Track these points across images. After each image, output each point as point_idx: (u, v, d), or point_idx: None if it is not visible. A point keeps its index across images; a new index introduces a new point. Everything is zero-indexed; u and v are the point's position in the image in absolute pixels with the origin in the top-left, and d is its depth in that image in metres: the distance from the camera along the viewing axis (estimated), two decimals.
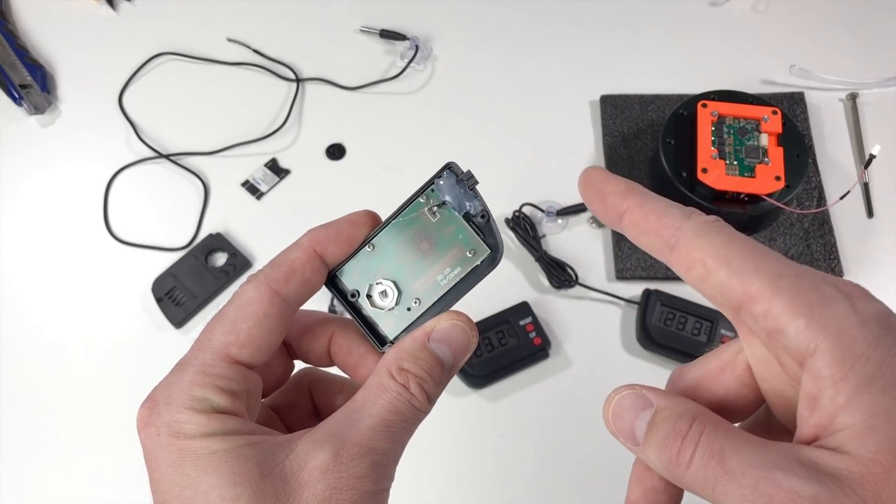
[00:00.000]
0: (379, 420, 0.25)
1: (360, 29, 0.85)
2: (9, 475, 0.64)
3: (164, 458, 0.24)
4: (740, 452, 0.21)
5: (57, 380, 0.68)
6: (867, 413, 0.19)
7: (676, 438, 0.22)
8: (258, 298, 0.26)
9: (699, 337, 0.65)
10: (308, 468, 0.24)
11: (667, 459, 0.22)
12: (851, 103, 0.79)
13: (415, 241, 0.28)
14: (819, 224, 0.72)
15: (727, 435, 0.21)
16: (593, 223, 0.74)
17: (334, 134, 0.79)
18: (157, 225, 0.75)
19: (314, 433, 0.25)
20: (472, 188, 0.28)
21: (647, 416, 0.23)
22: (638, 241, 0.25)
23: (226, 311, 0.26)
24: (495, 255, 0.27)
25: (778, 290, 0.21)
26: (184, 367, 0.25)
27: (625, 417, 0.24)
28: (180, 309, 0.69)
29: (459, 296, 0.28)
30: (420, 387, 0.26)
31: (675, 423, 0.22)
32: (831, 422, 0.20)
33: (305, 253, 0.27)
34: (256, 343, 0.26)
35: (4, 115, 0.81)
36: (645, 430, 0.23)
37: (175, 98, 0.82)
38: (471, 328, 0.27)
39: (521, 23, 0.86)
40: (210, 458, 0.23)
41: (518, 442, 0.65)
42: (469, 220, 0.28)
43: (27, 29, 0.86)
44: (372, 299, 0.28)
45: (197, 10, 0.87)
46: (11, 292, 0.72)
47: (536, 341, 0.65)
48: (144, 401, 0.25)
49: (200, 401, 0.24)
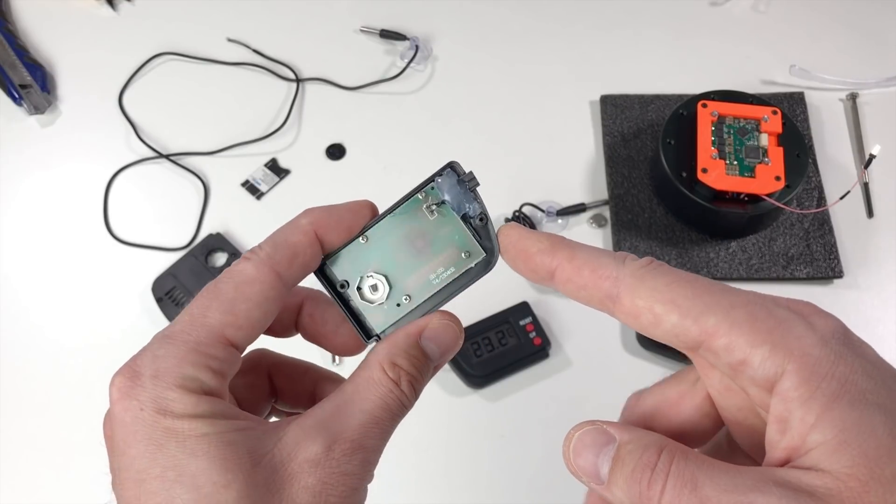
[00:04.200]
0: (370, 416, 0.25)
1: (360, 29, 0.85)
2: (9, 475, 0.64)
3: (143, 434, 0.22)
4: (714, 479, 0.20)
5: (57, 380, 0.68)
6: (838, 428, 0.19)
7: (645, 470, 0.21)
8: (259, 279, 0.25)
9: None
10: (298, 459, 0.23)
11: (636, 494, 0.21)
12: (851, 103, 0.79)
13: (410, 237, 0.27)
14: (819, 224, 0.72)
15: (697, 463, 0.21)
16: (594, 223, 0.74)
17: (334, 134, 0.79)
18: (157, 225, 0.75)
19: (302, 422, 0.24)
20: (472, 189, 0.27)
21: (610, 452, 0.22)
22: (575, 297, 0.24)
23: (223, 288, 0.25)
24: (490, 259, 0.27)
25: (734, 322, 0.21)
26: (173, 340, 0.24)
27: (586, 456, 0.23)
28: (180, 309, 0.69)
29: (451, 297, 0.27)
30: (410, 384, 0.26)
31: (641, 455, 0.21)
32: (803, 441, 0.20)
33: (307, 237, 0.27)
34: (252, 325, 0.25)
35: (4, 115, 0.81)
36: (609, 466, 0.22)
37: (175, 98, 0.82)
38: (460, 330, 0.27)
39: (522, 23, 0.86)
40: (199, 440, 0.22)
41: (518, 442, 0.65)
42: (467, 222, 0.27)
43: (27, 29, 0.86)
44: (362, 292, 0.28)
45: (197, 10, 0.87)
46: (11, 292, 0.72)
47: (536, 341, 0.65)
48: (122, 370, 0.24)
49: (191, 380, 0.23)
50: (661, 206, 0.73)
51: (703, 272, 0.70)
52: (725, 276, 0.69)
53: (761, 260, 0.70)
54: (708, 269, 0.70)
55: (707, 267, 0.70)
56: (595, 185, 0.76)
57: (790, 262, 0.70)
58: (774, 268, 0.70)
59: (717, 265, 0.70)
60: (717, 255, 0.70)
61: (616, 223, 0.72)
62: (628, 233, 0.72)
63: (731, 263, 0.70)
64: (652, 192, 0.74)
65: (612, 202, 0.74)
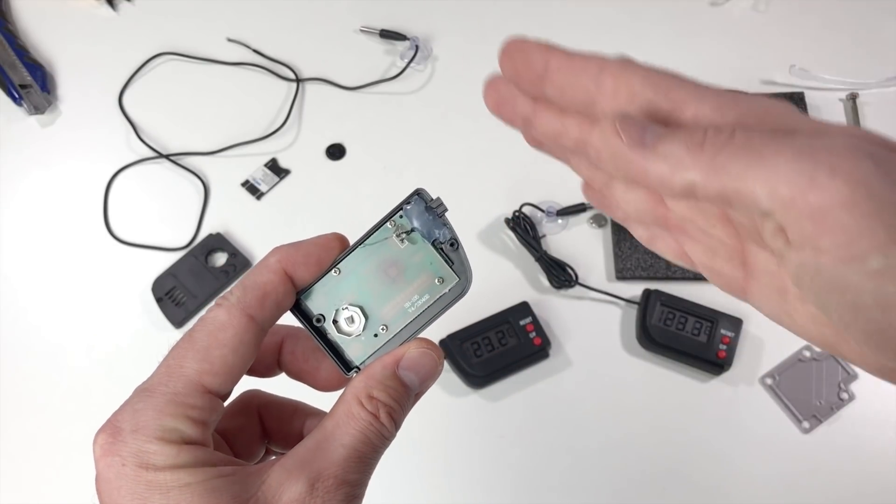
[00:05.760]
0: (351, 451, 0.25)
1: (360, 29, 0.85)
2: (9, 475, 0.64)
3: (128, 489, 0.22)
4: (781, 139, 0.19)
5: (57, 380, 0.68)
6: None
7: (715, 133, 0.20)
8: (232, 324, 0.25)
9: (699, 337, 0.65)
10: (283, 501, 0.23)
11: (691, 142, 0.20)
12: (851, 103, 0.79)
13: (382, 266, 0.27)
14: None
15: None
16: (594, 223, 0.74)
17: (334, 134, 0.79)
18: (157, 225, 0.75)
19: (284, 462, 0.24)
20: (440, 215, 0.27)
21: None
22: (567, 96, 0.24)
23: (197, 337, 0.25)
24: (464, 283, 0.27)
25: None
26: (151, 393, 0.24)
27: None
28: (180, 309, 0.69)
29: (427, 324, 0.27)
30: (389, 416, 0.26)
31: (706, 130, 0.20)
32: None
33: (277, 275, 0.26)
34: (230, 371, 0.25)
35: (4, 115, 0.81)
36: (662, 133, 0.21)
37: (175, 98, 0.82)
38: (438, 356, 0.27)
39: (521, 23, 0.85)
40: (182, 491, 0.22)
41: (518, 442, 0.65)
42: (438, 248, 0.27)
43: (27, 29, 0.86)
44: (338, 325, 0.28)
45: (197, 10, 0.87)
46: (11, 292, 0.72)
47: (536, 341, 0.65)
48: (104, 426, 0.24)
49: (171, 431, 0.23)
50: None
51: None
52: None
53: None
54: None
55: None
56: None
57: None
58: None
59: None
60: None
61: (616, 223, 0.72)
62: (628, 232, 0.72)
63: None
64: None
65: None
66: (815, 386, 0.65)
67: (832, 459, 0.63)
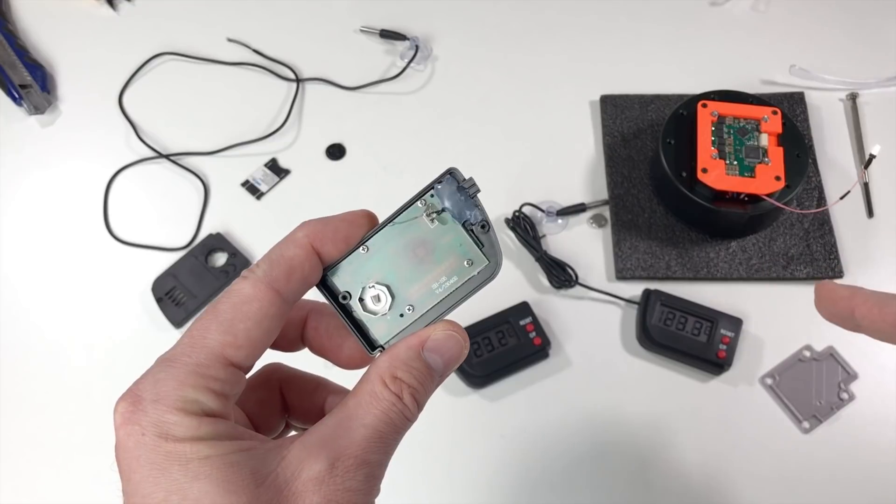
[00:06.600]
0: (373, 431, 0.24)
1: (360, 29, 0.85)
2: (9, 475, 0.64)
3: (146, 459, 0.22)
4: None
5: (57, 380, 0.68)
6: None
7: None
8: (257, 297, 0.25)
9: (699, 337, 0.65)
10: (302, 478, 0.23)
11: None
12: (851, 103, 0.79)
13: (411, 246, 0.27)
14: (819, 224, 0.72)
15: None
16: (594, 223, 0.74)
17: (334, 134, 0.79)
18: (157, 225, 0.75)
19: (305, 440, 0.24)
20: (472, 196, 0.27)
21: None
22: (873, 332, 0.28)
23: (222, 309, 0.25)
24: (494, 267, 0.27)
25: None
26: (173, 363, 0.24)
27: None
28: (180, 309, 0.69)
29: (455, 306, 0.27)
30: (413, 397, 0.25)
31: None
32: None
33: (304, 250, 0.26)
34: (253, 345, 0.25)
35: (4, 115, 0.81)
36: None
37: (175, 98, 0.82)
38: (464, 339, 0.27)
39: (522, 23, 0.86)
40: (201, 463, 0.22)
41: (518, 442, 0.65)
42: (468, 230, 0.27)
43: (27, 29, 0.86)
44: (364, 303, 0.27)
45: (197, 10, 0.87)
46: (11, 292, 0.72)
47: (536, 341, 0.65)
48: (125, 395, 0.23)
49: (192, 402, 0.23)
50: (661, 206, 0.73)
51: (703, 272, 0.70)
52: (725, 275, 0.70)
53: (761, 260, 0.70)
54: (708, 268, 0.70)
55: (707, 267, 0.70)
56: (595, 184, 0.76)
57: (790, 262, 0.70)
58: (774, 268, 0.70)
59: (717, 265, 0.70)
60: (717, 254, 0.70)
61: (616, 223, 0.72)
62: (628, 233, 0.72)
63: (731, 263, 0.70)
64: (652, 192, 0.74)
65: (612, 202, 0.74)
66: (815, 386, 0.65)
67: (832, 459, 0.63)
